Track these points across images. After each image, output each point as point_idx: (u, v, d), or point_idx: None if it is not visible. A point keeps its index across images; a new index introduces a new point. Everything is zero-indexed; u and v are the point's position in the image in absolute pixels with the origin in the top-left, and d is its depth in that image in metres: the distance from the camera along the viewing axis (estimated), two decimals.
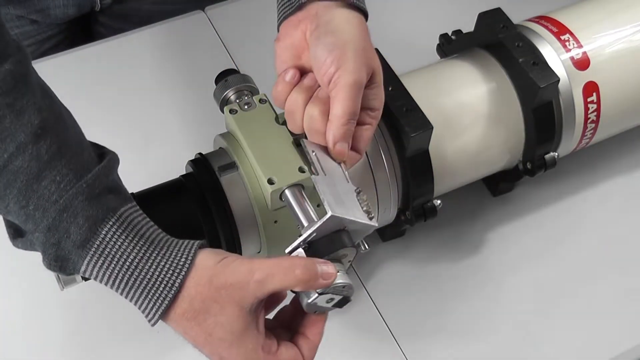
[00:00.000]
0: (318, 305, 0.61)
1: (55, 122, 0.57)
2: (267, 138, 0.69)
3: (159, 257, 0.57)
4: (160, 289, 0.57)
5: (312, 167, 0.65)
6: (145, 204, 0.69)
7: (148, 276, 0.57)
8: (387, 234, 0.83)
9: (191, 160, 0.73)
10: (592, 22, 0.82)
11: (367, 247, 0.74)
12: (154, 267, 0.57)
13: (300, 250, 0.60)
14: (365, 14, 0.67)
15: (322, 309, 0.62)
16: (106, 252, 0.56)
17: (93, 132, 0.95)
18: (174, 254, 0.58)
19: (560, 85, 0.76)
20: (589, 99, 0.79)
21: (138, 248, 0.57)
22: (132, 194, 0.70)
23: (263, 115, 0.71)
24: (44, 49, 1.09)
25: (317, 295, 0.60)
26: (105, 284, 0.57)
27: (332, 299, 0.61)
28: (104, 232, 0.56)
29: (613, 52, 0.81)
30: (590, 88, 0.79)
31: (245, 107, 0.71)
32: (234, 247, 0.70)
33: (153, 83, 0.97)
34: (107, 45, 1.02)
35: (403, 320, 0.79)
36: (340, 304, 0.62)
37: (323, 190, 0.62)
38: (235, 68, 0.84)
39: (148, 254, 0.57)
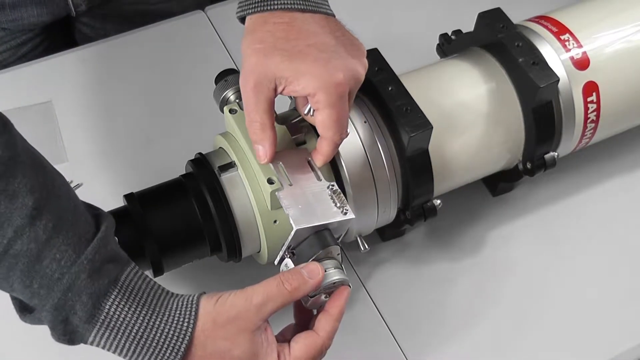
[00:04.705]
0: (321, 301, 0.63)
1: (48, 197, 0.57)
2: None
3: (163, 324, 0.59)
4: (167, 354, 0.58)
5: (278, 180, 0.66)
6: (146, 204, 0.70)
7: (154, 344, 0.58)
8: (387, 234, 0.83)
9: (191, 160, 0.73)
10: (592, 22, 0.82)
11: (367, 247, 0.75)
12: (158, 334, 0.58)
13: (288, 260, 0.63)
14: (297, 9, 0.66)
15: (324, 302, 0.64)
16: (112, 325, 0.58)
17: (94, 132, 0.95)
18: (176, 317, 0.59)
19: (560, 85, 0.76)
20: (588, 99, 0.79)
21: (142, 317, 0.58)
22: (132, 193, 0.71)
23: None
24: (20, 53, 1.07)
25: (309, 298, 0.62)
26: (113, 353, 0.59)
27: (330, 295, 0.63)
28: (107, 306, 0.58)
29: (613, 52, 0.81)
30: (590, 88, 0.79)
31: None
32: (234, 247, 0.71)
33: (153, 83, 0.97)
34: (107, 45, 1.01)
35: (403, 320, 0.79)
36: None
37: (289, 204, 0.64)
38: (235, 68, 0.84)
39: (152, 322, 0.58)
